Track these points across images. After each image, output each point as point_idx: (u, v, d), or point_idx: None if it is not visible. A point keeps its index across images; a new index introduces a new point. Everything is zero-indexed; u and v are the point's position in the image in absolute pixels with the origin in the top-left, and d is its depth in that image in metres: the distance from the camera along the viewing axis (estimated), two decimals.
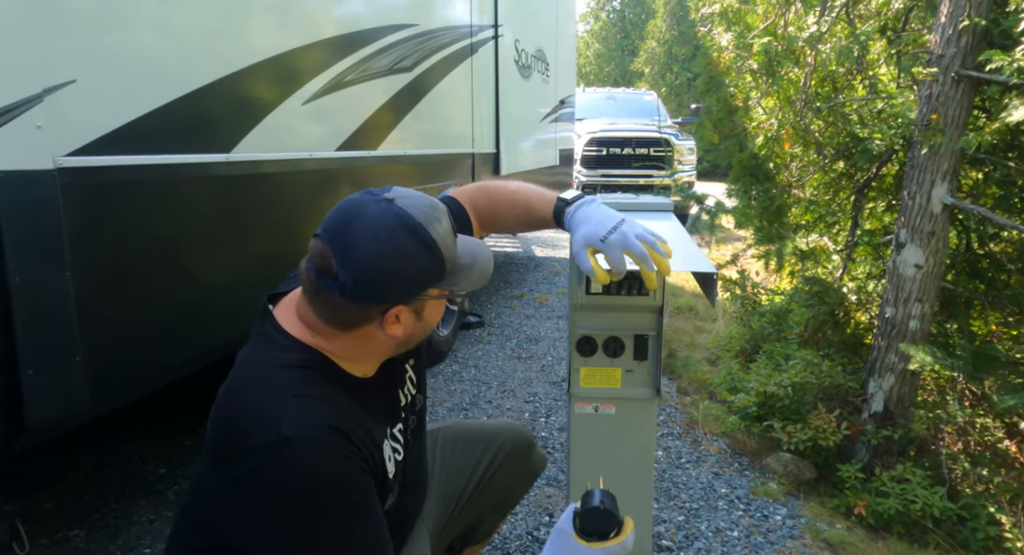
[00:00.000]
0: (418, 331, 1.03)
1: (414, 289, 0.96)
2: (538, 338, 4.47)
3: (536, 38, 5.52)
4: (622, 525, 1.10)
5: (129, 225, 1.52)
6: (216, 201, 1.83)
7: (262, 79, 1.99)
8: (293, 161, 2.16)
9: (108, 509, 2.20)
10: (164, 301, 1.65)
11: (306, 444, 0.87)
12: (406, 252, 0.92)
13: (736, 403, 3.01)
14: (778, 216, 3.04)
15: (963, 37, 2.34)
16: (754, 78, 2.87)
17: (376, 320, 0.96)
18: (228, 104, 1.84)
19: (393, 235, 0.91)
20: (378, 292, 0.93)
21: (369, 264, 0.90)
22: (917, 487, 2.40)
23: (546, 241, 8.73)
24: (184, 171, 1.67)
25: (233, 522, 0.92)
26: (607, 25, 31.22)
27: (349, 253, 0.90)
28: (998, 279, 2.86)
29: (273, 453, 0.86)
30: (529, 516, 2.27)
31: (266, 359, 0.97)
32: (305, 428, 0.88)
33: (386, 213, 0.92)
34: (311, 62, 2.23)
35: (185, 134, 1.68)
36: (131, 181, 1.51)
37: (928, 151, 2.46)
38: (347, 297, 0.91)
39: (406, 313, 0.97)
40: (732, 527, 2.26)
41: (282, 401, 0.90)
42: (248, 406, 0.92)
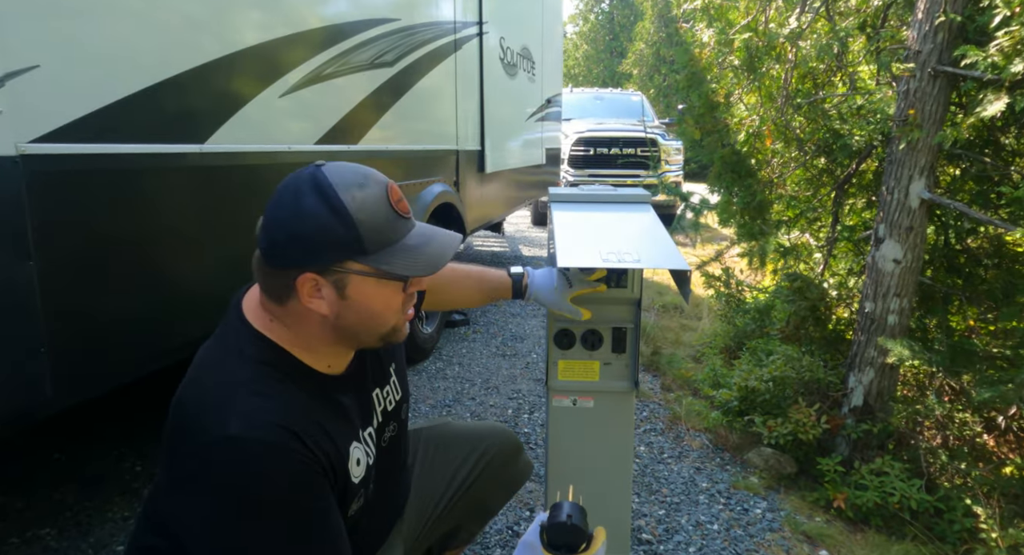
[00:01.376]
0: (347, 314, 0.94)
1: (321, 254, 0.90)
2: (523, 336, 4.46)
3: (522, 36, 5.52)
4: (591, 539, 1.06)
5: (98, 215, 1.50)
6: (190, 193, 1.81)
7: (238, 70, 1.97)
8: (270, 154, 2.14)
9: (80, 507, 2.17)
10: (134, 294, 1.63)
11: (253, 445, 0.83)
12: (308, 212, 0.89)
13: (718, 398, 3.01)
14: (760, 212, 3.05)
15: (939, 33, 2.35)
16: (735, 74, 2.88)
17: (294, 290, 0.92)
18: (202, 94, 1.82)
19: (298, 195, 0.90)
20: (283, 252, 0.90)
21: (276, 222, 0.90)
22: (895, 480, 2.41)
23: (533, 240, 8.73)
24: (156, 161, 1.65)
25: (179, 522, 0.89)
26: (595, 27, 31.32)
27: (266, 215, 0.92)
28: (975, 274, 2.89)
29: (217, 453, 0.83)
30: (509, 511, 2.26)
31: (226, 352, 0.94)
32: (253, 428, 0.84)
33: (301, 176, 0.92)
34: (289, 54, 2.21)
35: (157, 123, 1.66)
36: (100, 170, 1.49)
37: (906, 146, 2.48)
38: (265, 260, 0.92)
39: (326, 287, 0.92)
40: (712, 520, 2.26)
41: (232, 398, 0.87)
42: (199, 401, 0.89)
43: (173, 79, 1.70)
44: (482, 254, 7.60)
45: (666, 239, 1.36)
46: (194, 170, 1.80)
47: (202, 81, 1.81)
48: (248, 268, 0.97)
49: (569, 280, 1.52)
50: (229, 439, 0.83)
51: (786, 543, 2.16)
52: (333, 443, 0.95)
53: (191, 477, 0.85)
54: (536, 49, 6.05)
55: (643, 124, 9.10)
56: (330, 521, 0.91)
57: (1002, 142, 2.64)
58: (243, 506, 0.83)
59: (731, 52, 2.78)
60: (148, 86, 1.62)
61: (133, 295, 1.62)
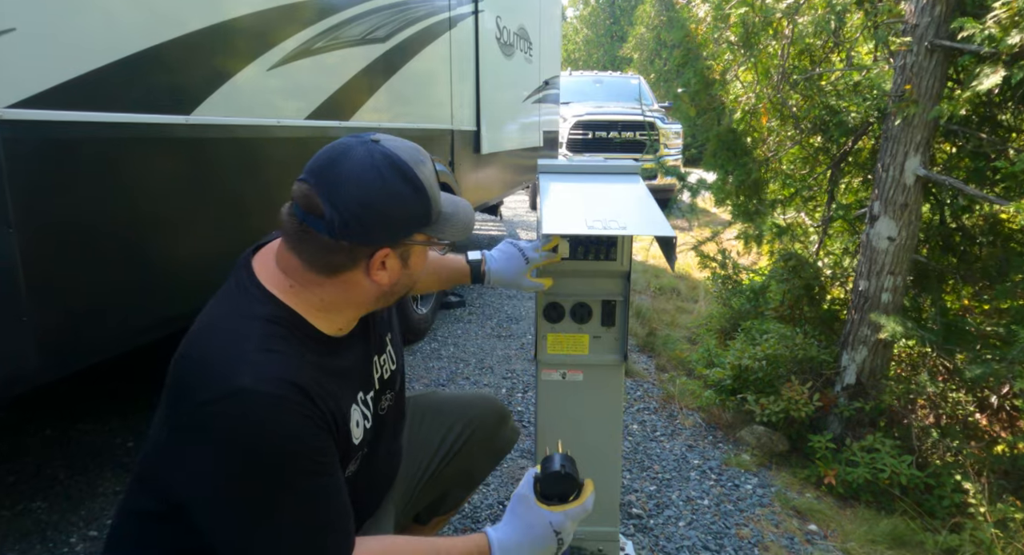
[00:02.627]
0: (403, 280, 1.00)
1: (402, 231, 0.95)
2: (519, 317, 4.45)
3: (518, 16, 5.46)
4: (582, 488, 1.09)
5: (81, 183, 1.48)
6: (175, 163, 1.79)
7: (226, 40, 1.94)
8: (259, 127, 2.12)
9: (72, 482, 2.17)
10: (120, 265, 1.61)
11: (262, 398, 0.83)
12: (394, 191, 0.91)
13: (711, 377, 3.02)
14: (755, 191, 3.03)
15: (937, 6, 2.32)
16: (731, 51, 2.85)
17: (362, 264, 0.93)
18: (188, 64, 1.80)
19: (381, 173, 0.91)
20: (367, 231, 0.91)
21: (358, 201, 0.89)
22: (886, 456, 2.42)
23: (531, 224, 8.70)
24: (140, 130, 1.63)
25: (181, 476, 0.88)
26: (596, 11, 31.00)
27: (336, 190, 0.89)
28: (969, 252, 2.88)
29: (225, 406, 0.82)
30: (501, 487, 2.26)
31: (234, 309, 0.94)
32: (262, 382, 0.84)
33: (373, 153, 0.92)
34: (278, 26, 2.18)
35: (141, 93, 1.64)
36: (83, 138, 1.47)
37: (902, 122, 2.46)
38: (335, 235, 0.89)
39: (393, 258, 0.95)
40: (703, 496, 2.27)
41: (242, 354, 0.86)
42: (206, 356, 0.88)
43: (158, 47, 1.67)
44: (479, 238, 7.58)
45: (653, 207, 1.35)
46: (180, 142, 1.78)
47: (188, 50, 1.78)
48: (237, 240, 0.97)
49: (524, 254, 1.50)
50: (237, 392, 0.82)
51: (775, 517, 2.17)
52: (337, 402, 0.96)
53: (197, 429, 0.84)
54: (533, 30, 5.99)
55: (642, 107, 9.04)
56: (334, 477, 0.92)
57: (999, 118, 2.62)
58: (249, 458, 0.83)
59: (727, 27, 2.75)
60: (132, 54, 1.59)
61: (118, 266, 1.61)
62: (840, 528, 2.17)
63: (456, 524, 2.04)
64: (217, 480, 0.84)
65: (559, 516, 1.04)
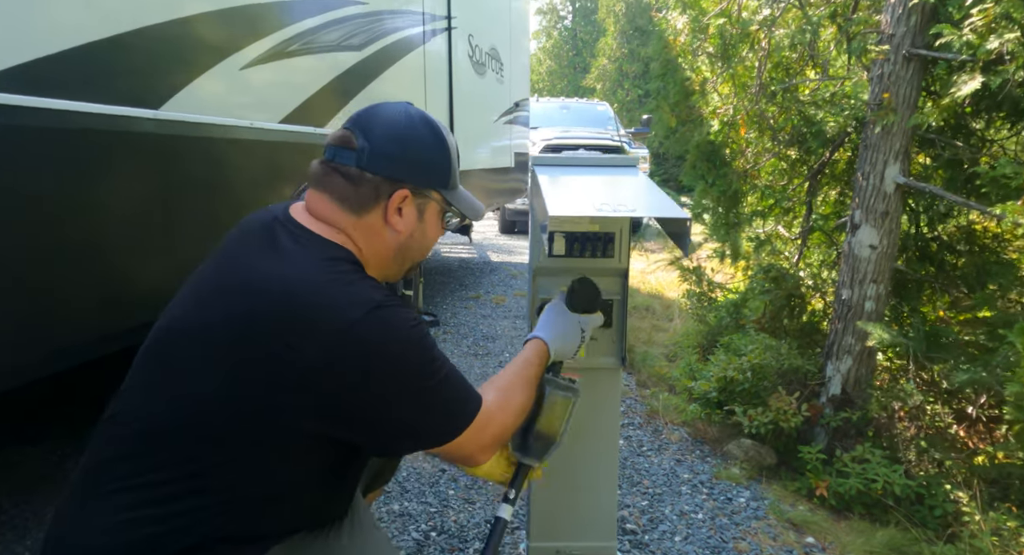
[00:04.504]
0: (416, 237, 1.05)
1: (423, 176, 1.03)
2: (495, 336, 4.36)
3: (490, 37, 5.47)
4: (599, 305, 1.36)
5: (31, 174, 1.36)
6: (140, 159, 1.67)
7: (196, 34, 1.85)
8: (230, 127, 2.01)
9: (17, 511, 1.98)
10: (69, 268, 1.48)
11: (389, 302, 0.92)
12: (422, 136, 1.03)
13: (696, 389, 2.96)
14: (734, 202, 3.02)
15: (912, 16, 2.36)
16: (710, 62, 2.86)
17: (383, 203, 0.99)
18: (158, 55, 1.70)
19: (413, 120, 1.03)
20: (392, 164, 0.99)
21: (389, 136, 0.99)
22: (877, 466, 2.37)
23: (502, 247, 8.65)
24: (102, 122, 1.52)
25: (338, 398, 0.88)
26: (559, 43, 31.64)
27: (371, 127, 1.00)
28: (947, 261, 2.90)
29: (373, 317, 0.88)
30: (488, 505, 2.15)
31: (310, 256, 0.94)
32: (380, 298, 0.91)
33: (409, 108, 1.05)
34: (251, 24, 2.10)
35: (104, 81, 1.53)
36: (36, 126, 1.35)
37: (881, 130, 2.48)
38: (362, 165, 0.97)
39: (410, 205, 1.02)
40: (696, 510, 2.19)
41: (351, 283, 0.92)
42: (319, 293, 0.89)
43: (126, 35, 1.57)
44: (450, 261, 7.49)
45: (660, 193, 1.29)
46: (146, 137, 1.67)
47: (158, 41, 1.68)
48: (203, 244, 0.98)
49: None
50: (377, 305, 0.90)
51: (772, 530, 2.10)
52: None
53: (357, 343, 0.87)
54: (504, 51, 6.02)
55: (609, 133, 9.14)
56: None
57: (972, 127, 2.66)
58: (413, 342, 0.92)
59: (705, 39, 2.76)
60: (96, 40, 1.49)
61: (68, 270, 1.47)
62: (837, 540, 2.11)
63: (443, 544, 1.92)
64: (398, 369, 0.91)
65: (584, 319, 1.32)
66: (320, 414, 0.88)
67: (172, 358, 0.92)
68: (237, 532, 0.90)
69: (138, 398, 0.94)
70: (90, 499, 0.90)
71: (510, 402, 1.10)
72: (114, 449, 0.91)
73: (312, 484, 0.97)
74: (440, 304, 5.17)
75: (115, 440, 0.92)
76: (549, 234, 1.55)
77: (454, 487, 2.28)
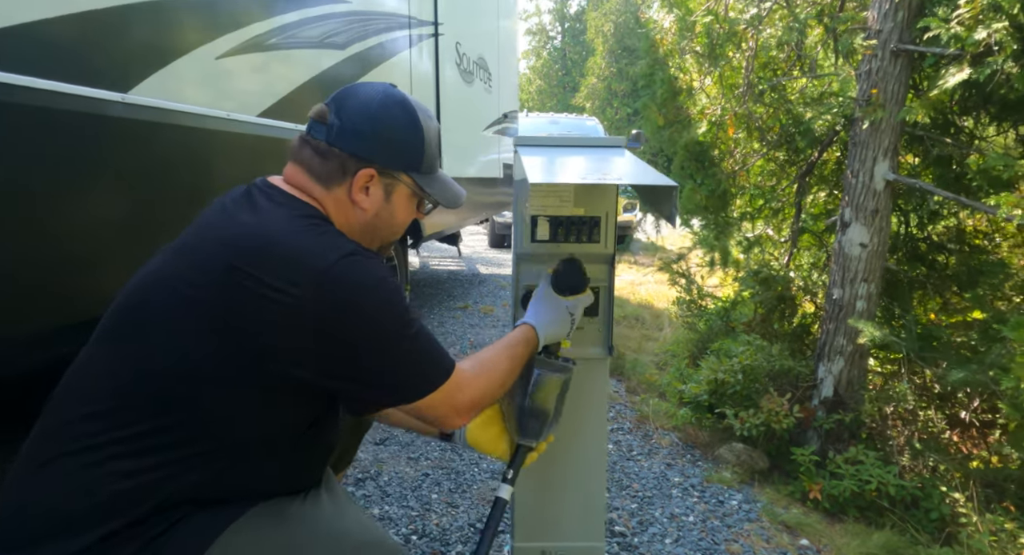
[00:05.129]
0: (383, 216, 1.06)
1: (391, 157, 1.03)
2: (482, 344, 4.28)
3: (478, 46, 5.46)
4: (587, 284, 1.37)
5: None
6: (107, 145, 1.61)
7: (170, 17, 1.80)
8: (204, 117, 1.95)
9: None
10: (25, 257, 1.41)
11: (365, 256, 0.94)
12: (393, 117, 1.03)
13: (686, 392, 2.89)
14: (723, 203, 2.99)
15: (900, 11, 2.35)
16: (697, 61, 2.84)
17: (349, 178, 1.00)
18: (128, 36, 1.64)
19: (387, 102, 1.03)
20: (359, 138, 1.00)
21: (359, 111, 1.01)
22: (871, 468, 2.32)
23: (491, 261, 8.60)
24: (64, 102, 1.46)
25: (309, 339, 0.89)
26: (548, 62, 31.98)
27: (344, 103, 1.01)
28: (938, 261, 2.87)
29: (349, 262, 0.91)
30: (472, 508, 2.07)
31: (284, 212, 0.97)
32: (354, 247, 0.94)
33: (387, 87, 1.06)
34: (228, 12, 2.05)
35: (69, 59, 1.47)
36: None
37: (869, 127, 2.45)
38: (331, 140, 0.99)
39: (376, 186, 1.03)
40: (687, 512, 2.11)
41: (325, 233, 0.96)
42: (298, 241, 0.92)
43: (95, 12, 1.52)
44: (439, 273, 7.43)
45: (647, 167, 1.24)
46: (114, 121, 1.61)
47: (129, 21, 1.63)
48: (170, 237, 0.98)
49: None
50: (352, 252, 0.93)
51: (765, 532, 2.03)
52: None
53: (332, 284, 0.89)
54: (492, 61, 6.01)
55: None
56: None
57: (960, 124, 2.65)
58: (385, 290, 0.94)
59: (693, 38, 2.74)
60: (61, 15, 1.43)
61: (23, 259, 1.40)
62: (832, 543, 2.04)
63: (424, 548, 1.84)
64: (376, 309, 0.93)
65: (571, 302, 1.33)
66: (299, 355, 0.89)
67: (150, 308, 0.91)
68: (208, 492, 0.89)
69: (108, 353, 0.92)
70: (50, 463, 0.87)
71: (488, 371, 1.11)
72: (80, 407, 0.89)
73: (285, 442, 0.97)
74: (428, 314, 5.10)
75: (81, 398, 0.90)
76: (532, 218, 1.50)
77: (437, 491, 2.20)
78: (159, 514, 0.86)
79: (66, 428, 0.88)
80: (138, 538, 0.85)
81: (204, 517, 0.89)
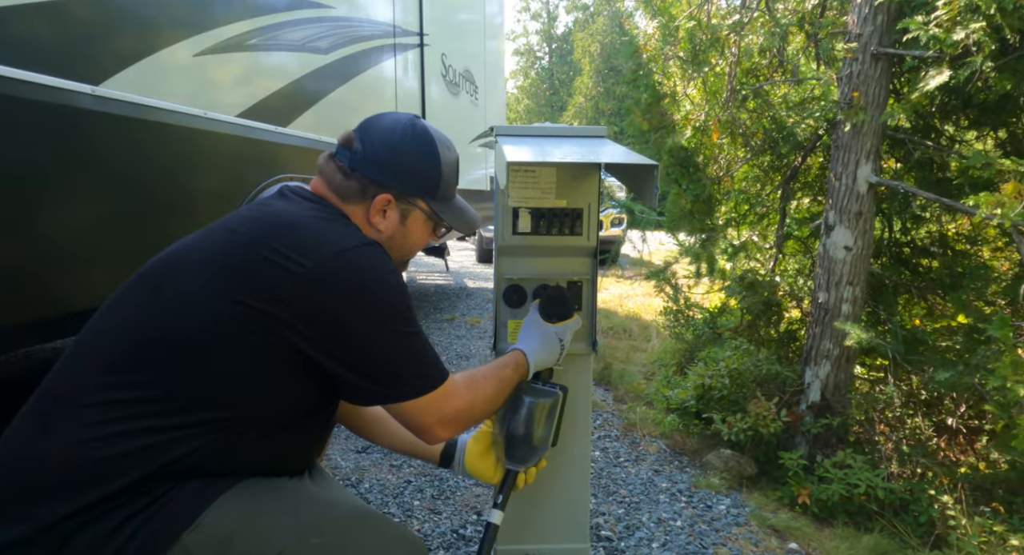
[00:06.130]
0: (397, 238, 1.12)
1: (408, 184, 1.10)
2: (469, 355, 4.24)
3: (464, 58, 5.49)
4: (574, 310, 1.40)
5: None
6: (75, 138, 1.57)
7: (146, 10, 1.77)
8: (181, 115, 1.93)
9: None
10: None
11: (382, 250, 1.01)
12: (413, 147, 1.10)
13: (673, 398, 2.86)
14: (708, 208, 2.99)
15: (879, 15, 2.38)
16: (681, 67, 2.85)
17: (368, 201, 1.08)
18: (102, 28, 1.62)
19: (408, 132, 1.10)
20: (379, 166, 1.07)
21: (381, 140, 1.08)
22: (859, 471, 2.29)
23: (479, 275, 8.58)
24: (27, 91, 1.42)
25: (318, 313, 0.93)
26: (536, 82, 32.33)
27: (369, 131, 1.10)
28: (922, 265, 2.88)
29: (364, 251, 0.98)
30: (455, 515, 2.01)
31: (313, 207, 1.05)
32: (374, 241, 1.02)
33: (411, 118, 1.13)
34: (206, 10, 2.03)
35: (35, 48, 1.44)
36: None
37: (852, 130, 2.46)
38: (354, 165, 1.07)
39: (393, 210, 1.10)
40: (675, 517, 2.07)
41: (344, 226, 1.03)
42: (318, 227, 0.99)
43: (62, 2, 1.49)
44: (426, 287, 7.38)
45: (629, 151, 1.22)
46: (82, 114, 1.57)
47: (100, 11, 1.60)
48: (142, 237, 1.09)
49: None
50: (369, 242, 1.00)
51: (754, 536, 1.99)
52: None
53: (346, 269, 0.95)
54: (479, 75, 6.04)
55: None
56: None
57: (941, 128, 2.67)
58: (390, 282, 0.98)
59: (676, 43, 2.75)
60: (23, 3, 1.40)
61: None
62: (821, 546, 2.01)
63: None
64: (383, 296, 0.97)
65: (560, 328, 1.36)
66: (304, 326, 0.92)
67: (172, 275, 0.96)
68: (204, 463, 0.91)
69: (129, 313, 0.95)
70: (50, 423, 0.89)
71: (478, 387, 1.14)
72: (90, 367, 0.92)
73: (286, 423, 0.99)
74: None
75: (92, 362, 0.93)
76: (514, 210, 1.47)
77: (419, 497, 2.14)
78: (154, 482, 0.87)
79: (73, 388, 0.91)
80: (130, 504, 0.86)
81: (196, 485, 0.90)
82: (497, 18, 7.06)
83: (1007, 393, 2.03)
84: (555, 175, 1.46)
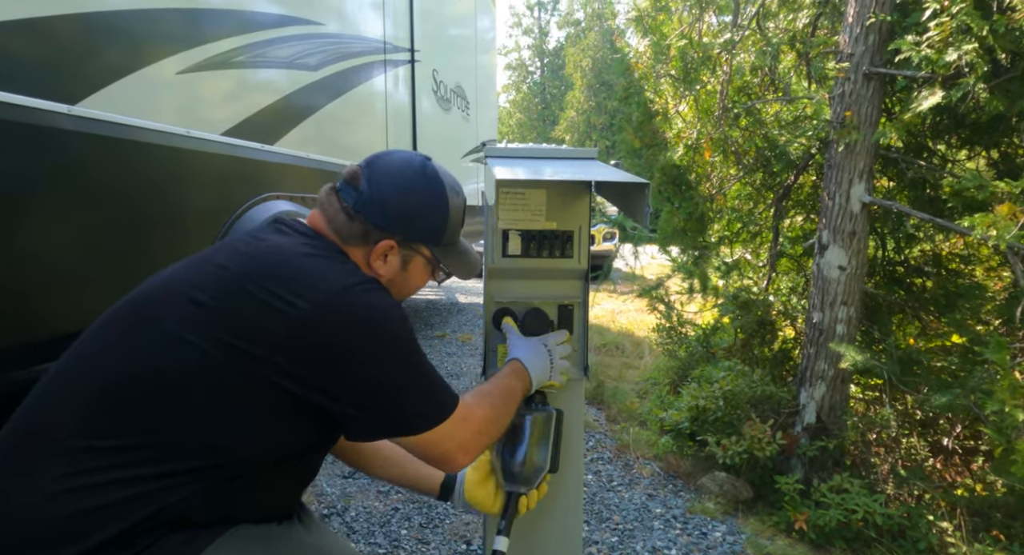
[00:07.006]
0: (397, 283, 1.07)
1: (413, 232, 1.05)
2: (460, 373, 4.18)
3: (455, 73, 5.48)
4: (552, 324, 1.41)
5: None
6: (50, 160, 1.52)
7: (125, 29, 1.73)
8: (162, 134, 1.88)
9: None
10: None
11: (381, 287, 0.97)
12: (423, 192, 1.04)
13: (668, 420, 2.81)
14: (701, 226, 2.96)
15: (871, 35, 2.37)
16: (672, 85, 2.84)
17: (369, 245, 1.02)
18: (78, 46, 1.57)
19: (417, 178, 1.05)
20: (385, 212, 1.01)
21: (388, 184, 1.02)
22: (857, 496, 2.24)
23: (471, 290, 8.52)
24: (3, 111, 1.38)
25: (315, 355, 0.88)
26: (528, 96, 32.50)
27: (376, 173, 1.03)
28: (916, 285, 2.86)
29: (367, 287, 0.94)
30: (444, 544, 1.95)
31: (309, 242, 0.99)
32: (372, 278, 0.98)
33: (421, 160, 1.07)
34: (190, 27, 2.00)
35: (8, 66, 1.39)
36: None
37: (844, 149, 2.45)
38: (357, 207, 1.00)
39: (394, 255, 1.04)
40: (669, 546, 2.02)
41: (341, 264, 0.98)
42: (316, 266, 0.94)
43: (40, 20, 1.45)
44: (417, 302, 7.32)
45: (619, 171, 1.19)
46: (59, 134, 1.53)
47: (79, 30, 1.56)
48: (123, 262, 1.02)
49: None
50: (371, 280, 0.97)
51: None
52: None
53: (350, 305, 0.90)
54: (470, 90, 6.04)
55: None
56: None
57: (933, 148, 2.66)
58: (398, 319, 0.94)
59: (668, 61, 2.74)
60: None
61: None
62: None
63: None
64: (386, 335, 0.92)
65: (546, 338, 1.35)
66: (305, 372, 0.87)
67: (157, 311, 0.89)
68: (190, 513, 0.85)
69: (98, 357, 0.89)
70: (21, 472, 0.83)
71: (489, 404, 1.10)
72: (62, 415, 0.85)
73: (273, 465, 0.93)
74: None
75: (63, 406, 0.86)
76: (503, 232, 1.43)
77: (407, 526, 2.08)
78: (138, 535, 0.81)
79: (45, 436, 0.84)
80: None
81: (181, 538, 0.84)
82: (489, 33, 7.08)
83: (1006, 417, 2.00)
84: (545, 197, 1.42)
